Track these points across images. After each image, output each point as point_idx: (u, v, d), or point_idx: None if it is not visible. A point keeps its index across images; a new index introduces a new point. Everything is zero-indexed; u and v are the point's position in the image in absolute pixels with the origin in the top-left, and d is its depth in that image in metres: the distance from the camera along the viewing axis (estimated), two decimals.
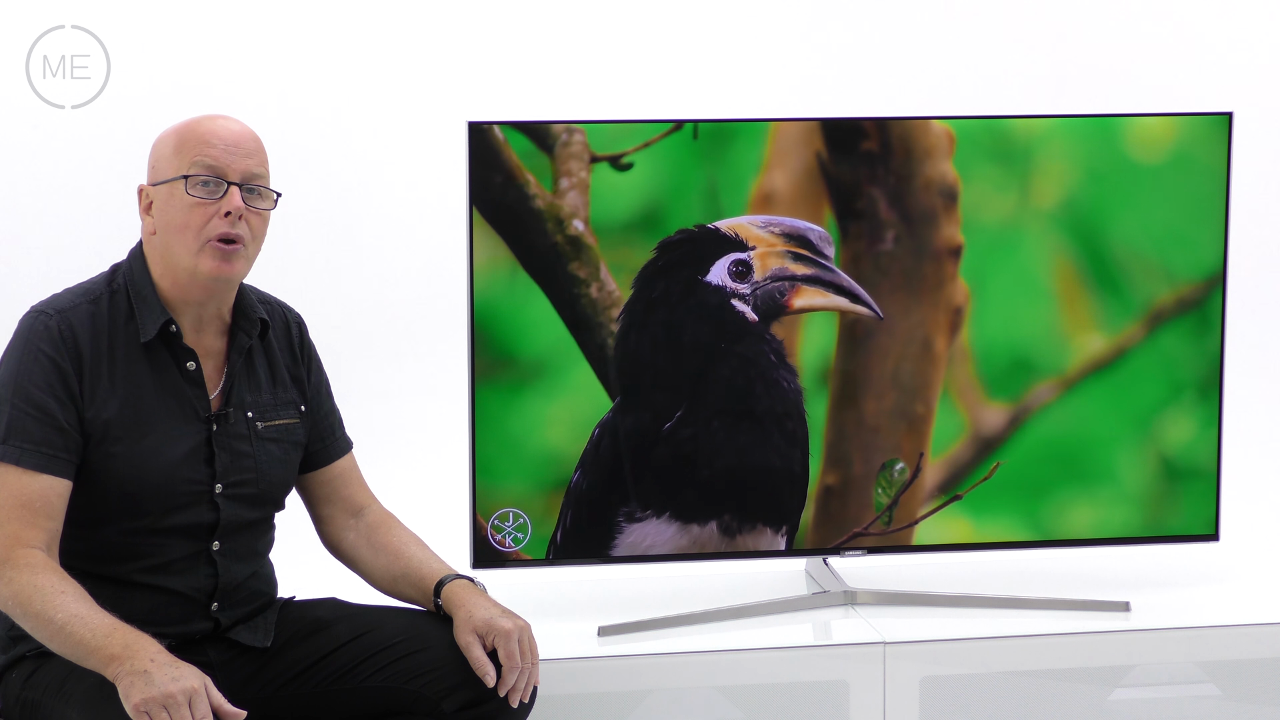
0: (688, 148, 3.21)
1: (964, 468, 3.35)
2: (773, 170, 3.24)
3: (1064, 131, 3.28)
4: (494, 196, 3.18)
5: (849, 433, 3.32)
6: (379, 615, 2.82)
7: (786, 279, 3.25)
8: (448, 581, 2.79)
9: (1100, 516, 3.38)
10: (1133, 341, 3.35)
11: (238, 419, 2.76)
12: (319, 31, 3.89)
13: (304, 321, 2.92)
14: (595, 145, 3.20)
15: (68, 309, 2.69)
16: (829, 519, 3.33)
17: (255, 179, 2.71)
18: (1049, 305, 3.32)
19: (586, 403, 3.24)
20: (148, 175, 2.74)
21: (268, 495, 2.81)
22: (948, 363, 3.32)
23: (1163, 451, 3.38)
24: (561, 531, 3.26)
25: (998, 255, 3.30)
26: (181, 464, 2.70)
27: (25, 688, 2.66)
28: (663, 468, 3.26)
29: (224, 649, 2.77)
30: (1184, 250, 3.33)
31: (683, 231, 3.22)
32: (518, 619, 2.73)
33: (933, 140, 3.26)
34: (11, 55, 3.79)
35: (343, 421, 2.96)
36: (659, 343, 3.23)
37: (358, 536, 2.91)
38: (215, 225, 2.66)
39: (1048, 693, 3.20)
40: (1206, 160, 3.31)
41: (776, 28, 4.02)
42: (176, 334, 2.71)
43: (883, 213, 3.26)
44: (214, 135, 2.69)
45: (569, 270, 3.21)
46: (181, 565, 2.73)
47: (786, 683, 3.14)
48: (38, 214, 3.82)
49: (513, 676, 2.69)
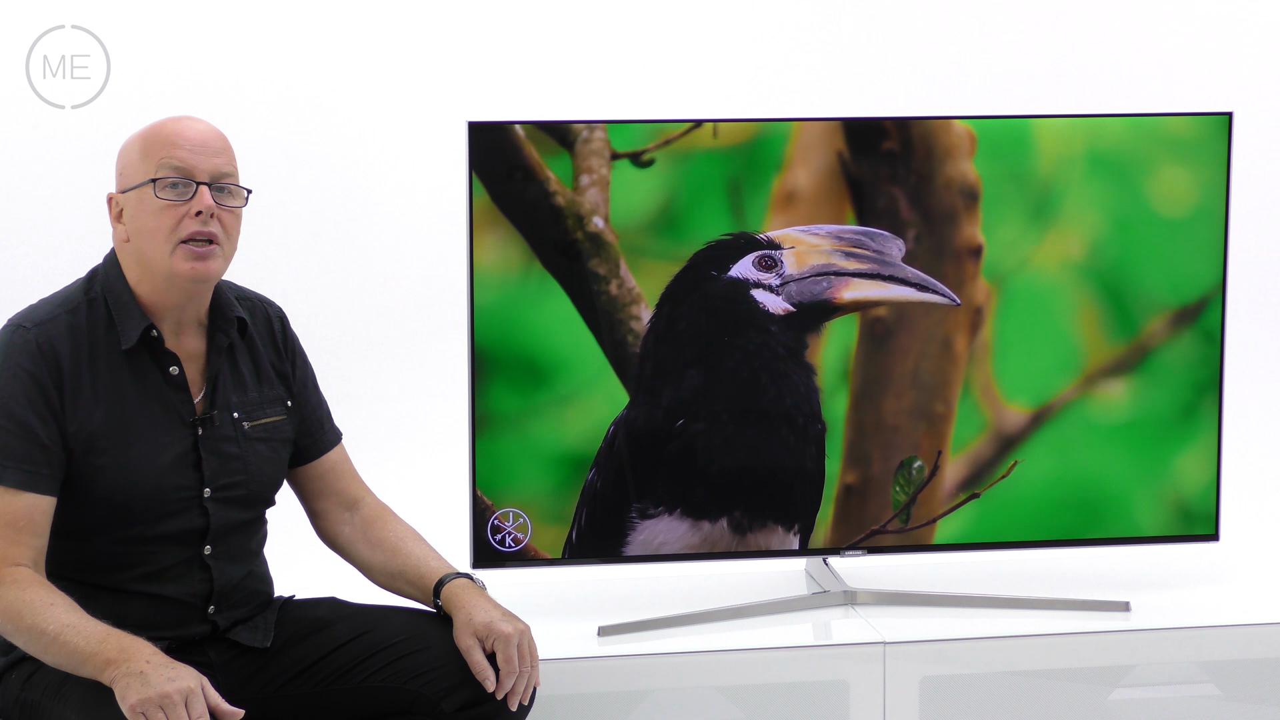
0: (708, 145, 3.21)
1: (984, 466, 3.35)
2: (795, 169, 3.25)
3: (1070, 130, 3.29)
4: (513, 193, 3.18)
5: (868, 432, 3.32)
6: (378, 615, 2.81)
7: (832, 273, 3.24)
8: (447, 581, 2.78)
9: (1100, 516, 3.39)
10: (1151, 342, 3.35)
11: (223, 421, 2.74)
12: (319, 32, 3.90)
13: (285, 315, 2.90)
14: (616, 143, 3.20)
15: (46, 321, 2.66)
16: (848, 517, 3.33)
17: (224, 177, 2.68)
18: (1063, 312, 3.32)
19: (597, 400, 3.24)
20: (116, 183, 2.71)
21: (258, 495, 2.80)
22: (968, 361, 3.32)
23: (1163, 451, 3.38)
24: (577, 531, 3.26)
25: (1017, 260, 3.31)
26: (169, 471, 2.68)
27: (25, 689, 2.66)
28: (673, 464, 3.25)
29: (224, 649, 2.76)
30: (1186, 254, 3.34)
31: (718, 240, 3.22)
32: (518, 622, 2.73)
33: (954, 140, 3.26)
34: (11, 55, 3.79)
35: (330, 413, 2.95)
36: (669, 335, 3.23)
37: (354, 530, 2.90)
38: (187, 225, 2.64)
39: (1048, 693, 3.20)
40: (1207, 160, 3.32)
41: (777, 28, 4.03)
42: (158, 339, 2.69)
43: (903, 212, 3.27)
44: (179, 136, 2.67)
45: (589, 267, 3.21)
46: (175, 572, 2.72)
47: (786, 683, 3.14)
48: (38, 214, 3.82)
49: (510, 680, 2.69)
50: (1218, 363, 3.37)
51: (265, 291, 2.91)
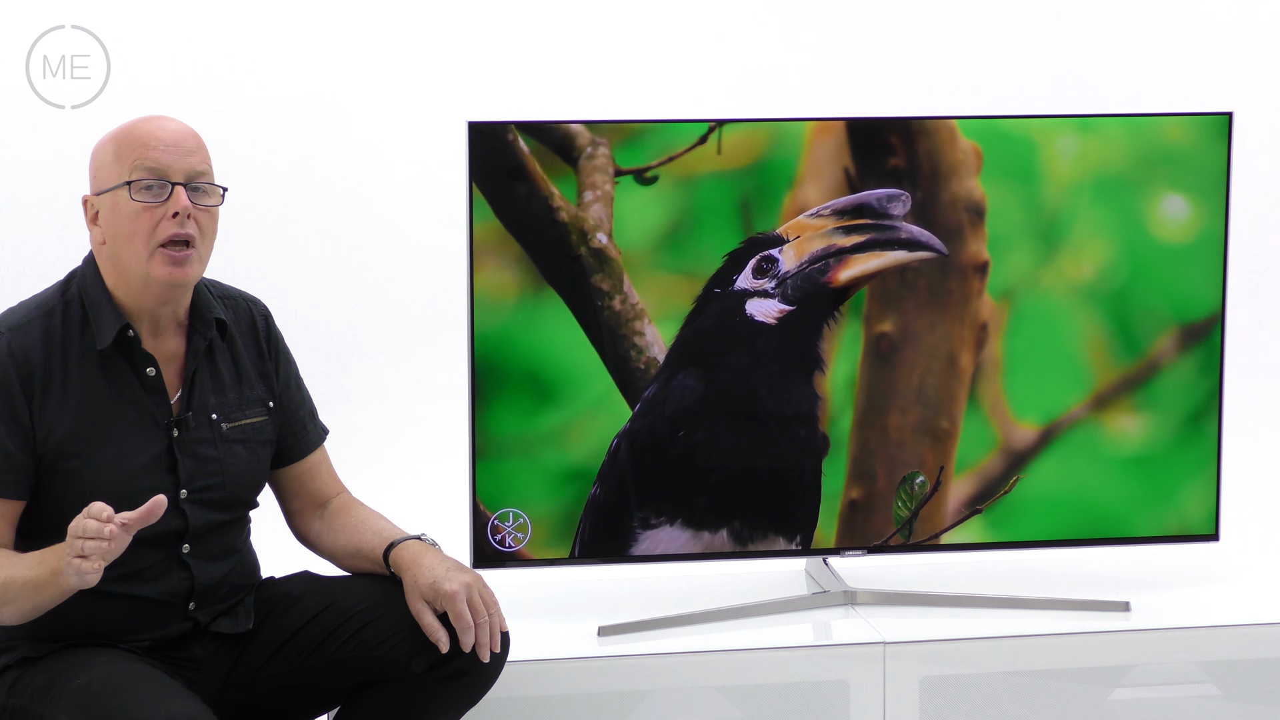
0: (713, 162, 3.21)
1: (989, 482, 3.35)
2: (805, 185, 3.24)
3: (1075, 131, 3.29)
4: (517, 207, 3.18)
5: (873, 447, 3.32)
6: (343, 585, 2.80)
7: (830, 256, 3.24)
8: (396, 545, 2.76)
9: (1100, 517, 3.39)
10: (1152, 344, 3.36)
11: (200, 423, 2.72)
12: (319, 32, 3.89)
13: (269, 313, 2.88)
14: (621, 160, 3.19)
15: (19, 326, 2.65)
16: (852, 531, 3.33)
17: (199, 176, 2.66)
18: (1068, 325, 3.32)
19: (597, 407, 3.24)
20: (90, 185, 2.69)
21: (236, 497, 2.78)
22: (973, 378, 3.32)
23: (1163, 451, 3.38)
24: (580, 544, 3.26)
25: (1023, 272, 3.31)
26: (141, 474, 2.67)
27: (11, 694, 2.65)
28: (673, 475, 3.26)
29: (207, 642, 2.75)
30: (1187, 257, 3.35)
31: (729, 253, 3.23)
32: (464, 574, 2.69)
33: (960, 157, 3.26)
34: (11, 55, 3.79)
35: (315, 411, 2.93)
36: (678, 352, 3.23)
37: (322, 525, 2.89)
38: (164, 228, 2.62)
39: (1048, 693, 3.20)
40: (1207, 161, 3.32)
41: (779, 28, 4.03)
42: (135, 339, 2.67)
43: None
44: (152, 137, 2.65)
45: (592, 283, 3.21)
46: (153, 572, 2.70)
47: (786, 683, 3.14)
48: (38, 214, 3.82)
49: (469, 636, 2.65)
50: (1218, 364, 3.37)
51: (265, 291, 2.90)
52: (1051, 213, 3.29)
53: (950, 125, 3.26)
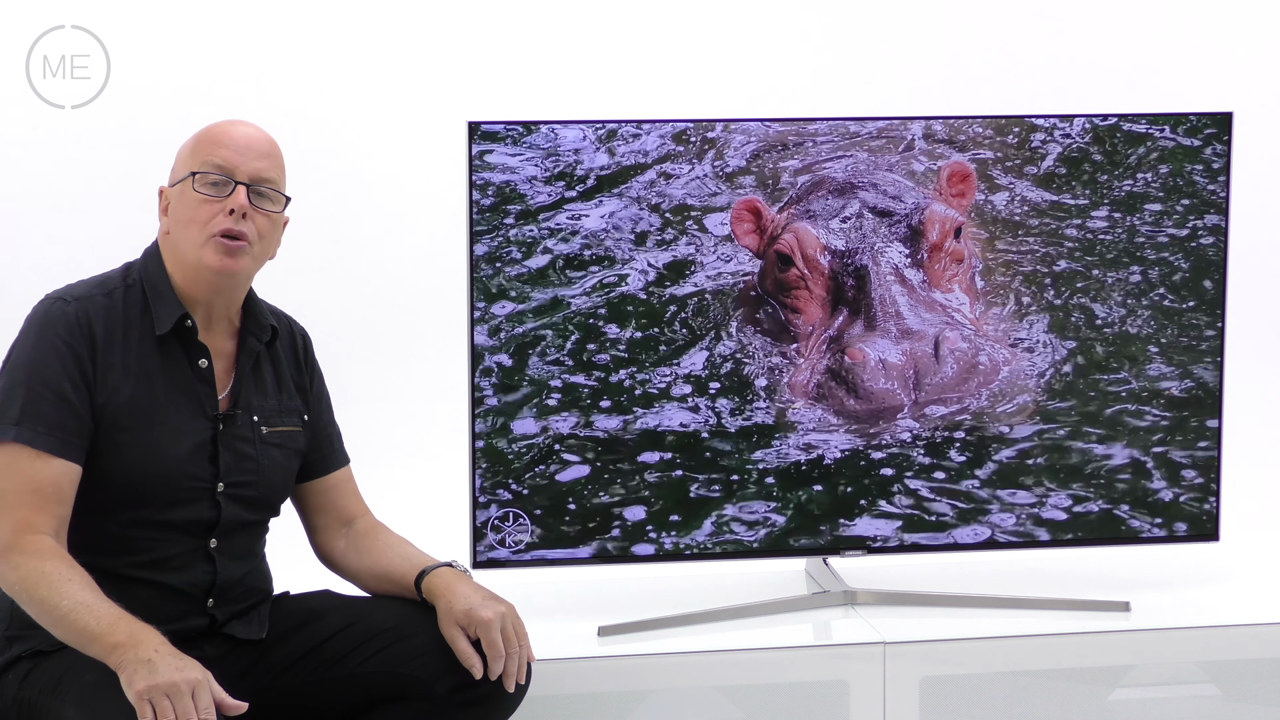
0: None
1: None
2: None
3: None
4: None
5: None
6: (369, 604, 2.84)
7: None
8: (429, 572, 2.79)
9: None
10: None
11: (244, 421, 2.79)
12: (319, 32, 3.89)
13: (310, 337, 2.96)
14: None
15: (84, 297, 2.72)
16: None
17: (265, 181, 2.74)
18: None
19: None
20: (168, 178, 2.79)
21: (266, 499, 2.82)
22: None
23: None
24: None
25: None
26: (186, 459, 2.72)
27: (22, 688, 2.66)
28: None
29: (220, 644, 2.78)
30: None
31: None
32: (499, 604, 2.73)
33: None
34: (11, 55, 3.79)
35: (342, 437, 2.99)
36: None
37: (347, 544, 2.92)
38: (220, 221, 2.70)
39: (1048, 693, 3.20)
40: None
41: (780, 29, 4.03)
42: (192, 329, 2.74)
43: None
44: (227, 137, 2.74)
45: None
46: (180, 561, 2.73)
47: (786, 683, 3.14)
48: (38, 214, 3.82)
49: (499, 664, 2.69)
50: (1218, 363, 3.37)
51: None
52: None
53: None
